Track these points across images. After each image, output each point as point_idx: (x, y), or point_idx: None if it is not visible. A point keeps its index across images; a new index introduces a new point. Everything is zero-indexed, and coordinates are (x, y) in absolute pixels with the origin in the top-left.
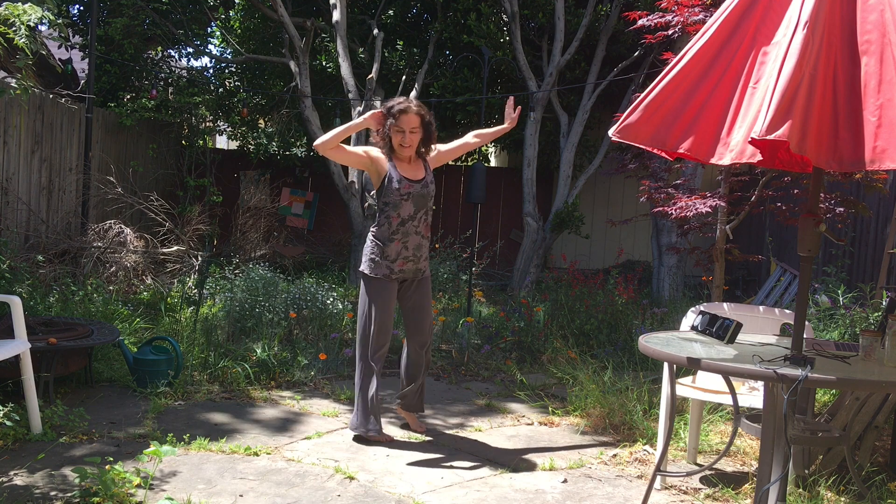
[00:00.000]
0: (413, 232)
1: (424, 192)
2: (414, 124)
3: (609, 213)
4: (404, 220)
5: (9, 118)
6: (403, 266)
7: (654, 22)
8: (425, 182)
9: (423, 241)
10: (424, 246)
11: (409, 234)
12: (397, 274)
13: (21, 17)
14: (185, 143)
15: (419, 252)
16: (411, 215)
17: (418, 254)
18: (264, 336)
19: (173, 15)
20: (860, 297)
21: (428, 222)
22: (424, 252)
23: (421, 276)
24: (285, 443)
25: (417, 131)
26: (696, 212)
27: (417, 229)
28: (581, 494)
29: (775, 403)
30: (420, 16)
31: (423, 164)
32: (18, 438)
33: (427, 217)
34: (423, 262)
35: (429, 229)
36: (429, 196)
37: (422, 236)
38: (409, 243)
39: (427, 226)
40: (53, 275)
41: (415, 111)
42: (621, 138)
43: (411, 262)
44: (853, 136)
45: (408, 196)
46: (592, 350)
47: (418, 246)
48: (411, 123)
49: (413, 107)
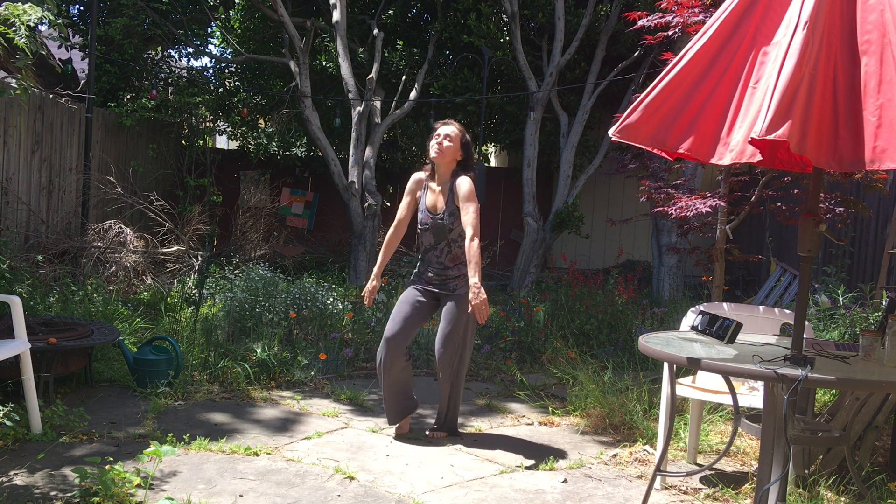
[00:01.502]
0: (435, 261)
1: (441, 225)
2: (447, 132)
3: (609, 213)
4: (427, 249)
5: (9, 118)
6: (430, 281)
7: (653, 23)
8: (443, 215)
9: (447, 270)
10: (450, 274)
11: (432, 262)
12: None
13: (21, 17)
14: (185, 143)
15: (441, 276)
16: (432, 245)
17: (441, 277)
18: (264, 336)
19: (173, 15)
20: (860, 297)
21: (453, 253)
22: (451, 275)
23: (451, 293)
24: (285, 443)
25: (452, 141)
26: (696, 212)
27: (439, 259)
28: (581, 494)
29: (775, 403)
30: (420, 16)
31: (449, 195)
32: (18, 438)
33: (450, 248)
34: (452, 282)
35: (455, 260)
36: (447, 229)
37: (444, 266)
38: (430, 270)
39: (452, 256)
40: (53, 275)
41: (452, 124)
42: (621, 138)
43: (436, 281)
44: (853, 136)
45: (427, 227)
46: (592, 350)
47: (439, 273)
48: (446, 132)
49: (452, 122)
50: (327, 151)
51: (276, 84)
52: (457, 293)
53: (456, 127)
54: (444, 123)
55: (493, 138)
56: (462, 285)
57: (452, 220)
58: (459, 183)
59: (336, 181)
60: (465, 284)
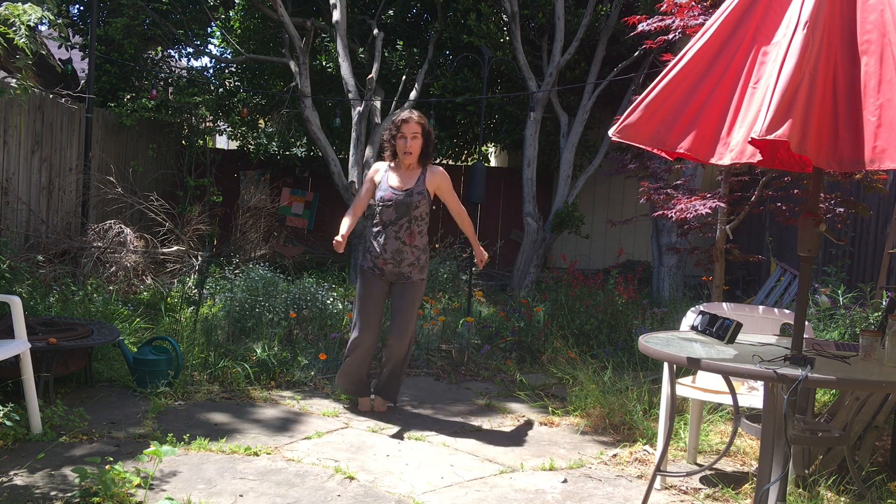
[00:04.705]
0: (393, 237)
1: (408, 202)
2: (415, 131)
3: (609, 213)
4: (385, 225)
5: (9, 118)
6: (384, 266)
7: (653, 26)
8: (411, 192)
9: (405, 247)
10: (406, 252)
11: (389, 238)
12: (380, 270)
13: (21, 17)
14: (185, 143)
15: (398, 257)
16: (392, 221)
17: (398, 258)
18: (264, 336)
19: (173, 15)
20: (860, 297)
21: (412, 231)
22: (406, 258)
23: (405, 280)
24: (285, 443)
25: (419, 137)
26: (695, 213)
27: (398, 235)
28: (581, 494)
29: (775, 403)
30: (420, 16)
31: (419, 176)
32: (18, 438)
33: (411, 225)
34: (406, 268)
35: (414, 238)
36: (412, 206)
37: (402, 242)
38: (388, 247)
39: (411, 234)
40: (53, 275)
41: (416, 120)
42: (621, 138)
43: (391, 265)
44: (853, 136)
45: (390, 203)
46: (592, 350)
47: (397, 251)
48: (412, 130)
49: (414, 117)
50: (327, 151)
51: (276, 84)
52: (412, 279)
53: (417, 122)
54: (405, 121)
55: (493, 138)
56: (416, 272)
57: (420, 199)
58: (436, 173)
59: (336, 181)
60: (418, 272)
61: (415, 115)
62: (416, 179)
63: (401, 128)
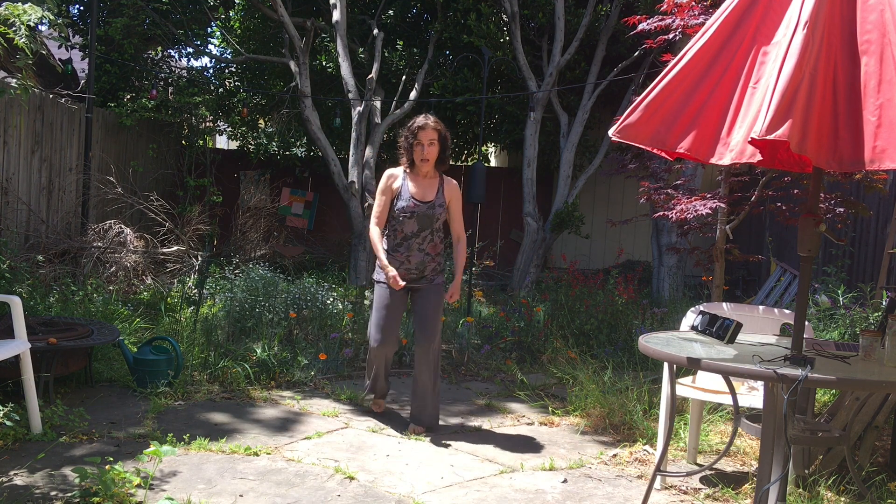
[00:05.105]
0: (416, 249)
1: (430, 214)
2: (432, 137)
3: (609, 213)
4: (407, 237)
5: (9, 118)
6: (406, 276)
7: (653, 26)
8: (433, 204)
9: (427, 258)
10: (428, 263)
11: (412, 250)
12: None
13: (21, 17)
14: (185, 143)
15: (422, 267)
16: (414, 233)
17: (421, 268)
18: (264, 336)
19: (173, 15)
20: (860, 297)
21: (435, 242)
22: (429, 266)
23: (428, 283)
24: (285, 443)
25: (435, 144)
26: (695, 214)
27: (421, 247)
28: (581, 494)
29: (775, 403)
30: (420, 16)
31: (438, 186)
32: (18, 438)
33: (433, 237)
34: (430, 273)
35: (437, 247)
36: (434, 218)
37: (425, 253)
38: (412, 259)
39: (434, 245)
40: (53, 275)
41: (432, 126)
42: (621, 138)
43: (414, 274)
44: (853, 136)
45: (412, 215)
46: (592, 350)
47: (421, 262)
48: (429, 137)
49: (430, 123)
50: (327, 151)
51: (276, 84)
52: (435, 282)
53: (434, 128)
54: (422, 128)
55: (493, 138)
56: (439, 274)
57: (441, 212)
58: (452, 186)
59: (336, 181)
60: (440, 274)
61: (431, 120)
62: (435, 191)
63: (417, 134)
